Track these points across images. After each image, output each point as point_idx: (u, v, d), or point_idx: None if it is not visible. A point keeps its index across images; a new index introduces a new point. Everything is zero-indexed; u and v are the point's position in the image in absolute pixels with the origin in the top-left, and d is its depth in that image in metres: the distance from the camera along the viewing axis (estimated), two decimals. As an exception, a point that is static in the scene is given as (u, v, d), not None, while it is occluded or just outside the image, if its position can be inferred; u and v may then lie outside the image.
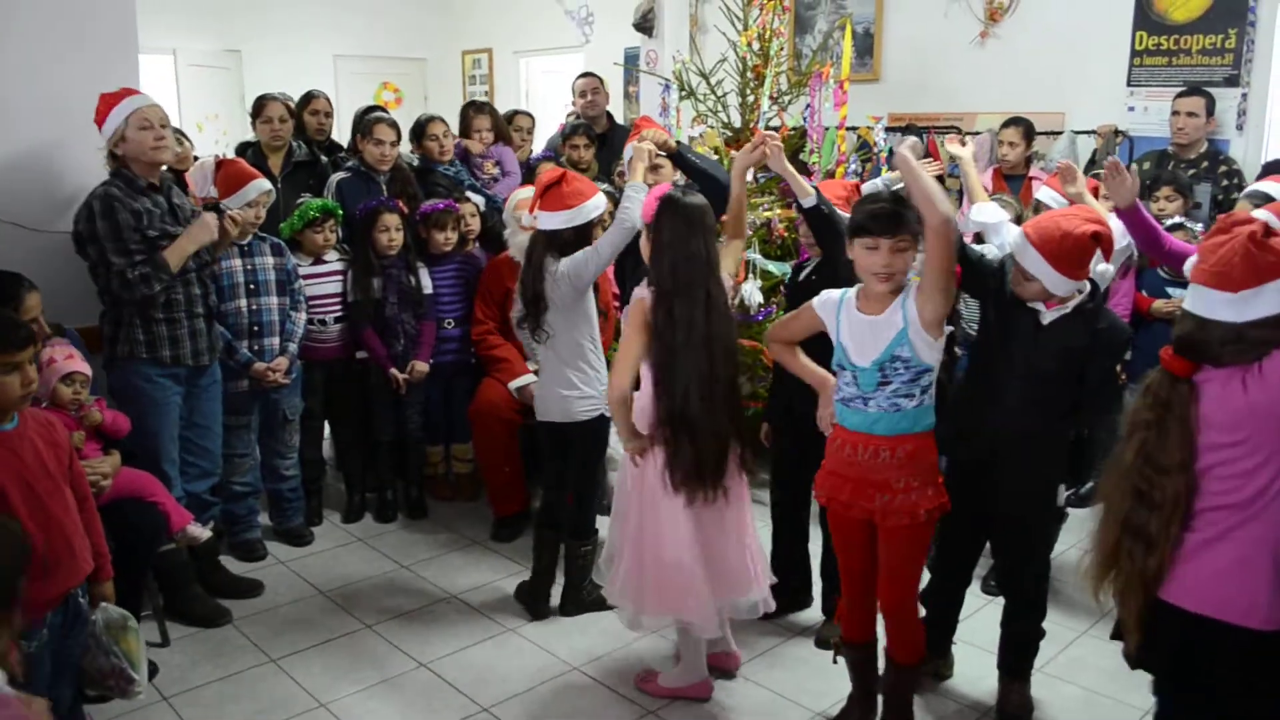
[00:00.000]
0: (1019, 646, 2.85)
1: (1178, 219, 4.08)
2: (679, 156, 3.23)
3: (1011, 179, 4.99)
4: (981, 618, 3.25)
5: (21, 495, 2.23)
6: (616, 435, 2.90)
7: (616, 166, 4.45)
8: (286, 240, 3.95)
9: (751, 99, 4.78)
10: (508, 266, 4.03)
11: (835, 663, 2.84)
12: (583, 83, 5.62)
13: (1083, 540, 3.76)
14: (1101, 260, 2.57)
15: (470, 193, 4.56)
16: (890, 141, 5.48)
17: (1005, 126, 5.06)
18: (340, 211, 4.09)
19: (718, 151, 4.67)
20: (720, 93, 4.89)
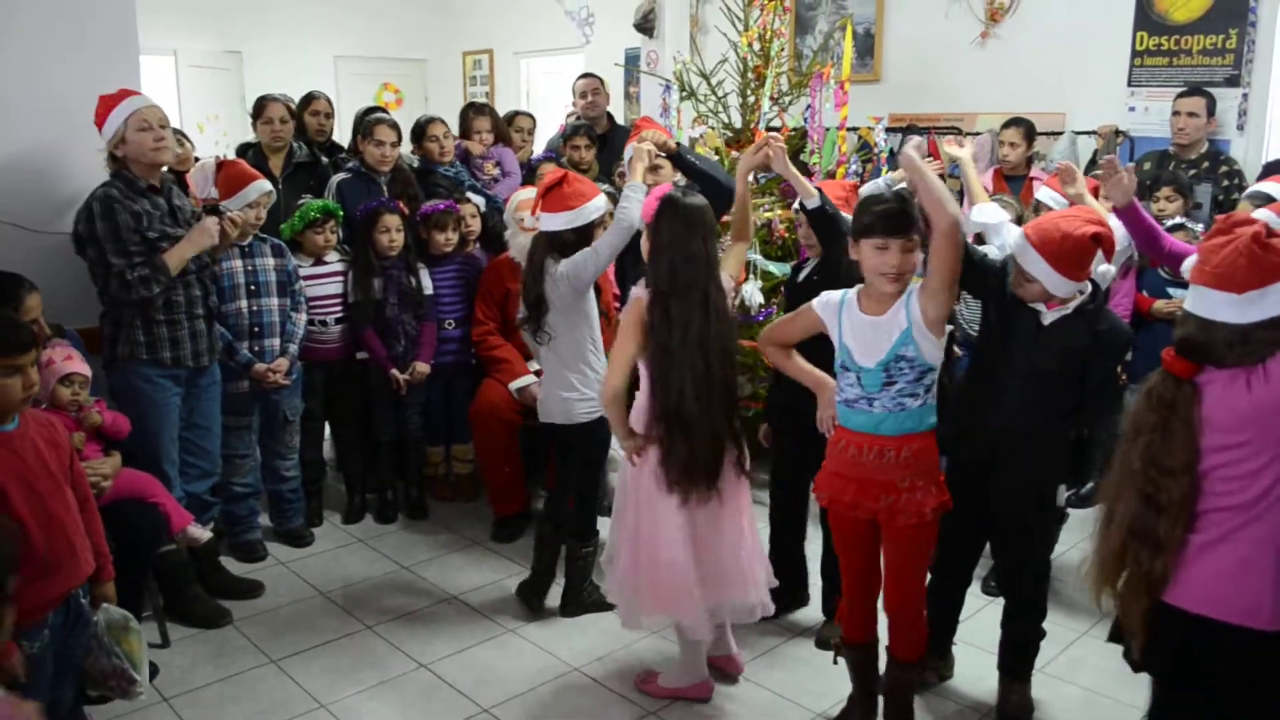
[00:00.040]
0: (1019, 647, 2.85)
1: (1179, 219, 4.08)
2: (678, 158, 3.23)
3: (1012, 179, 4.98)
4: (982, 618, 3.25)
5: (23, 495, 2.23)
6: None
7: (617, 167, 4.45)
8: (287, 241, 3.95)
9: (752, 99, 4.78)
10: (508, 267, 4.03)
11: (836, 663, 2.84)
12: (583, 83, 5.61)
13: (1083, 541, 3.79)
14: (1103, 261, 2.57)
15: (470, 193, 4.56)
16: (890, 142, 5.49)
17: (1006, 127, 5.05)
18: (341, 212, 4.09)
19: (718, 152, 4.67)
20: (721, 93, 4.89)
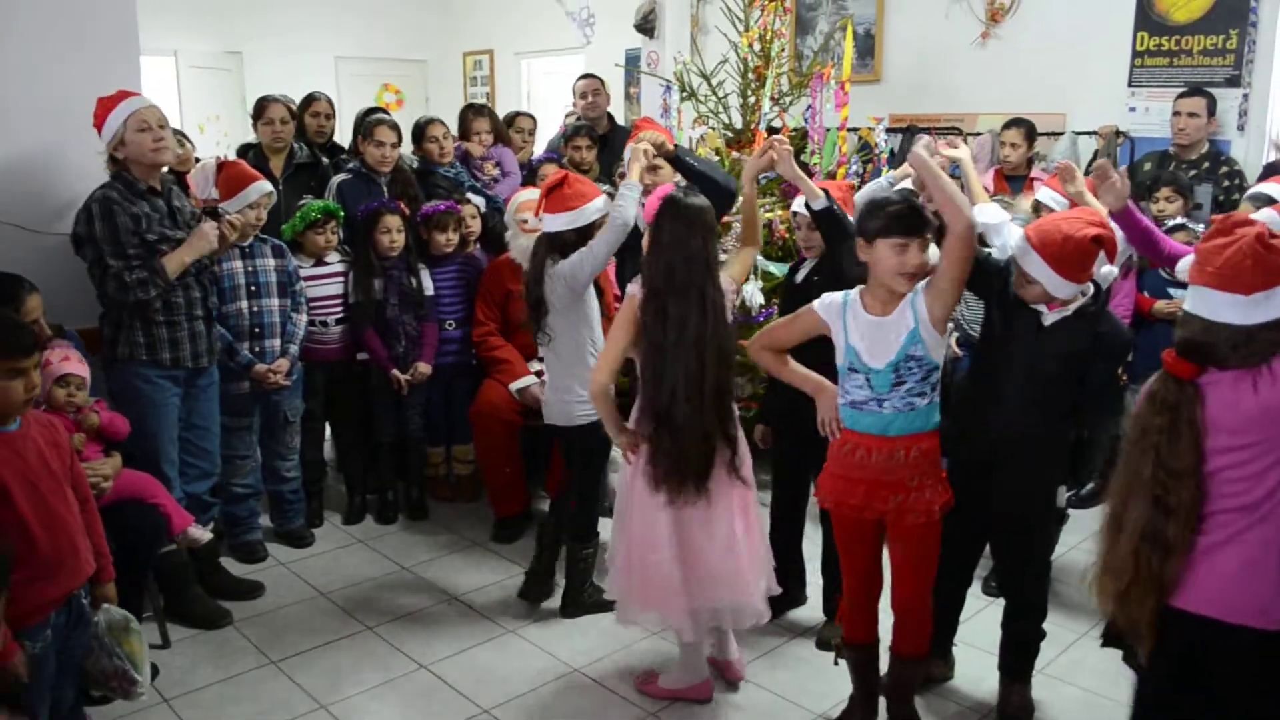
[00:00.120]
0: (1019, 647, 2.84)
1: (1179, 220, 4.08)
2: (676, 159, 3.21)
3: (1013, 180, 4.98)
4: (982, 619, 3.24)
5: (26, 495, 2.23)
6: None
7: (618, 168, 4.45)
8: (288, 242, 3.95)
9: (753, 100, 4.78)
10: (508, 268, 4.03)
11: (837, 664, 2.84)
12: (584, 84, 5.61)
13: (1084, 542, 3.79)
14: (1105, 262, 2.56)
15: (471, 194, 4.56)
16: (891, 143, 5.48)
17: (1007, 128, 5.04)
18: (341, 213, 4.09)
19: (719, 153, 4.67)
20: (721, 94, 4.89)
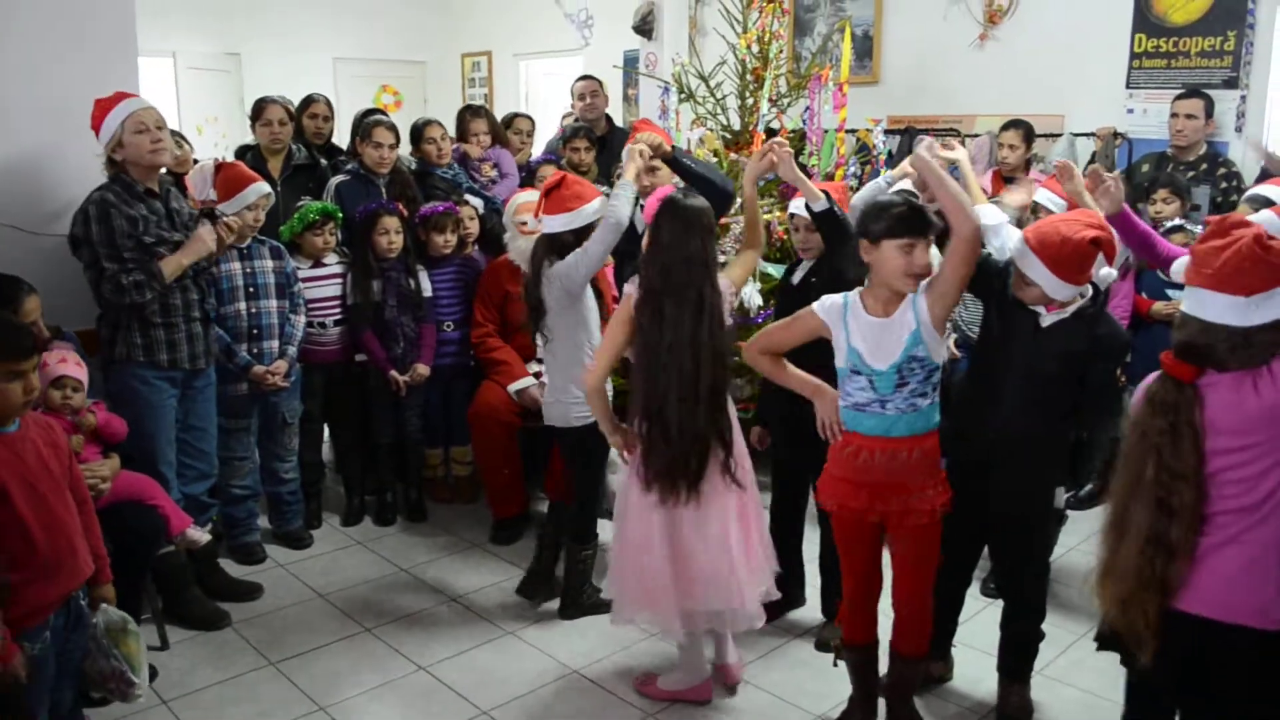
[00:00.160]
0: (1018, 648, 2.85)
1: (1178, 221, 4.08)
2: (673, 161, 3.20)
3: (1011, 182, 4.98)
4: (981, 620, 3.25)
5: (25, 496, 2.23)
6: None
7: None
8: (286, 243, 3.94)
9: (751, 102, 4.78)
10: (507, 269, 4.03)
11: (836, 665, 2.84)
12: (582, 85, 5.61)
13: (1083, 543, 3.79)
14: (1104, 264, 2.57)
15: (469, 195, 4.56)
16: (889, 144, 5.49)
17: (1005, 129, 5.05)
18: (340, 214, 4.09)
19: (717, 154, 4.67)
20: (719, 95, 4.89)
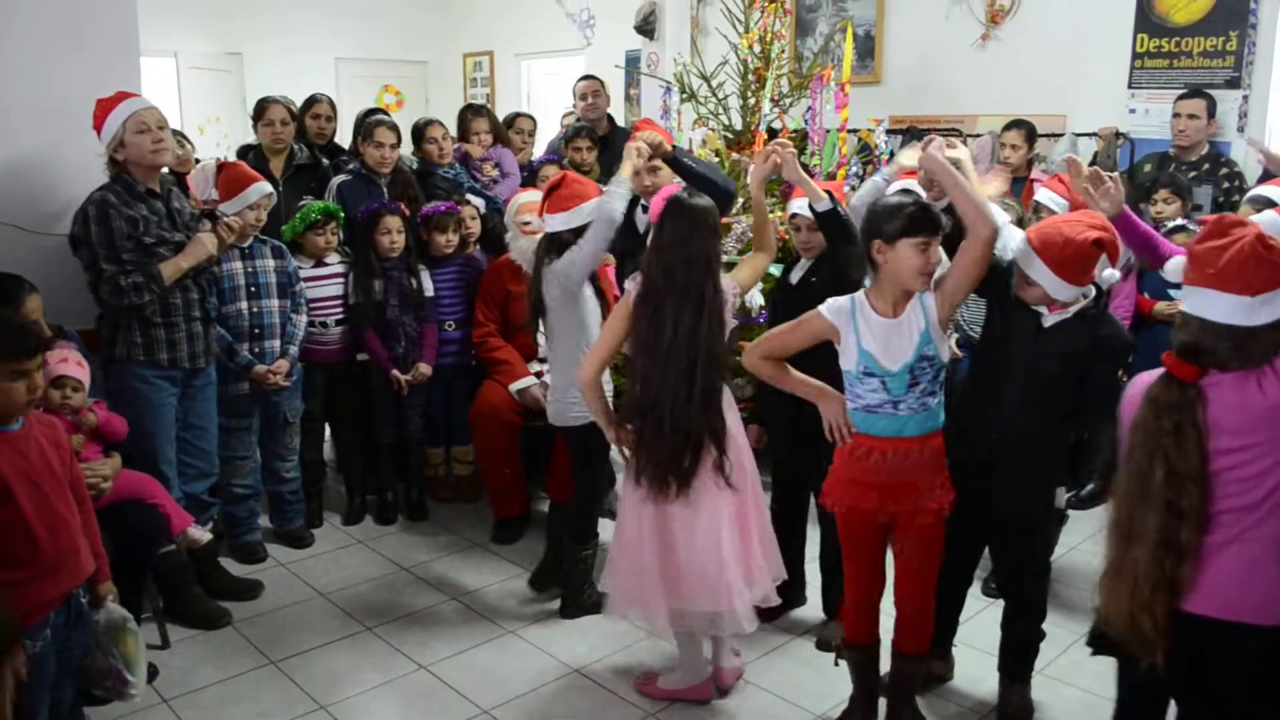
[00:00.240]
0: (1019, 648, 2.85)
1: (1179, 221, 4.08)
2: (674, 160, 3.20)
3: (1013, 182, 4.98)
4: (982, 620, 3.24)
5: (28, 494, 2.23)
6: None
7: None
8: (288, 243, 3.95)
9: (753, 101, 4.77)
10: (508, 269, 4.04)
11: (837, 664, 2.84)
12: (584, 85, 5.61)
13: (1083, 543, 3.78)
14: (1107, 265, 2.56)
15: (470, 195, 4.56)
16: (891, 144, 5.48)
17: (1007, 129, 5.05)
18: (341, 214, 4.09)
19: (719, 154, 4.67)
20: (721, 95, 4.89)
